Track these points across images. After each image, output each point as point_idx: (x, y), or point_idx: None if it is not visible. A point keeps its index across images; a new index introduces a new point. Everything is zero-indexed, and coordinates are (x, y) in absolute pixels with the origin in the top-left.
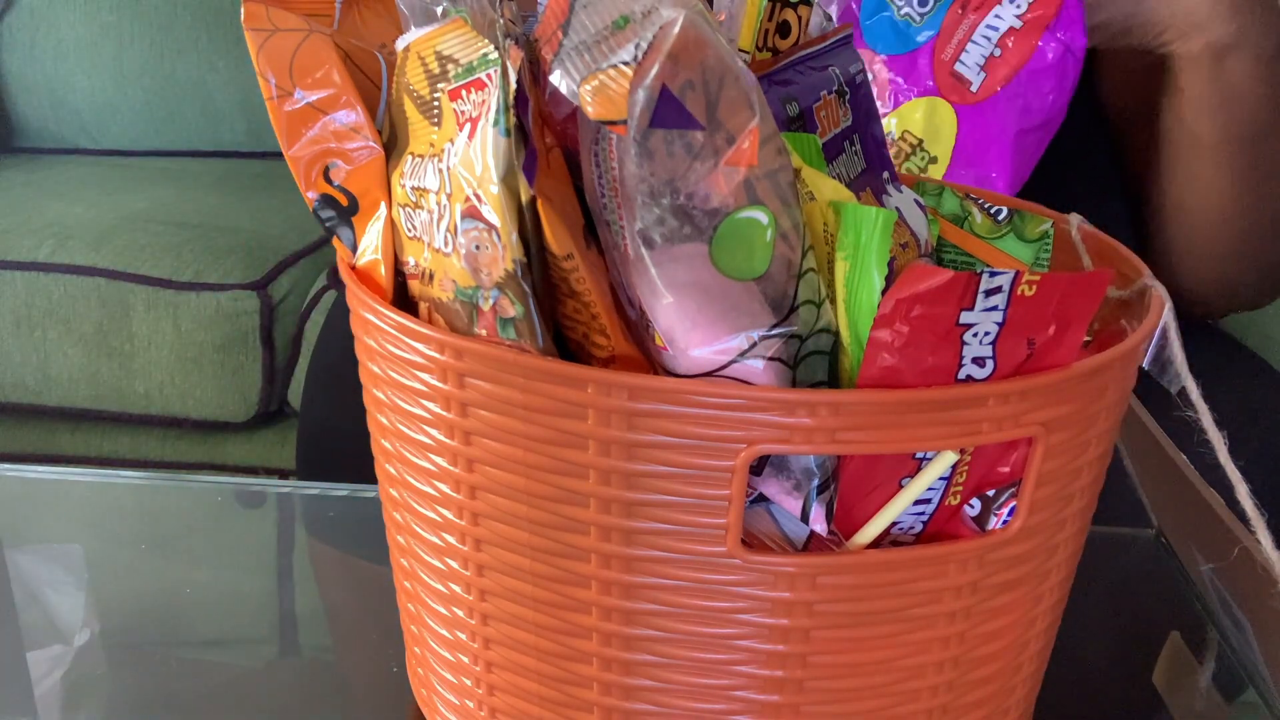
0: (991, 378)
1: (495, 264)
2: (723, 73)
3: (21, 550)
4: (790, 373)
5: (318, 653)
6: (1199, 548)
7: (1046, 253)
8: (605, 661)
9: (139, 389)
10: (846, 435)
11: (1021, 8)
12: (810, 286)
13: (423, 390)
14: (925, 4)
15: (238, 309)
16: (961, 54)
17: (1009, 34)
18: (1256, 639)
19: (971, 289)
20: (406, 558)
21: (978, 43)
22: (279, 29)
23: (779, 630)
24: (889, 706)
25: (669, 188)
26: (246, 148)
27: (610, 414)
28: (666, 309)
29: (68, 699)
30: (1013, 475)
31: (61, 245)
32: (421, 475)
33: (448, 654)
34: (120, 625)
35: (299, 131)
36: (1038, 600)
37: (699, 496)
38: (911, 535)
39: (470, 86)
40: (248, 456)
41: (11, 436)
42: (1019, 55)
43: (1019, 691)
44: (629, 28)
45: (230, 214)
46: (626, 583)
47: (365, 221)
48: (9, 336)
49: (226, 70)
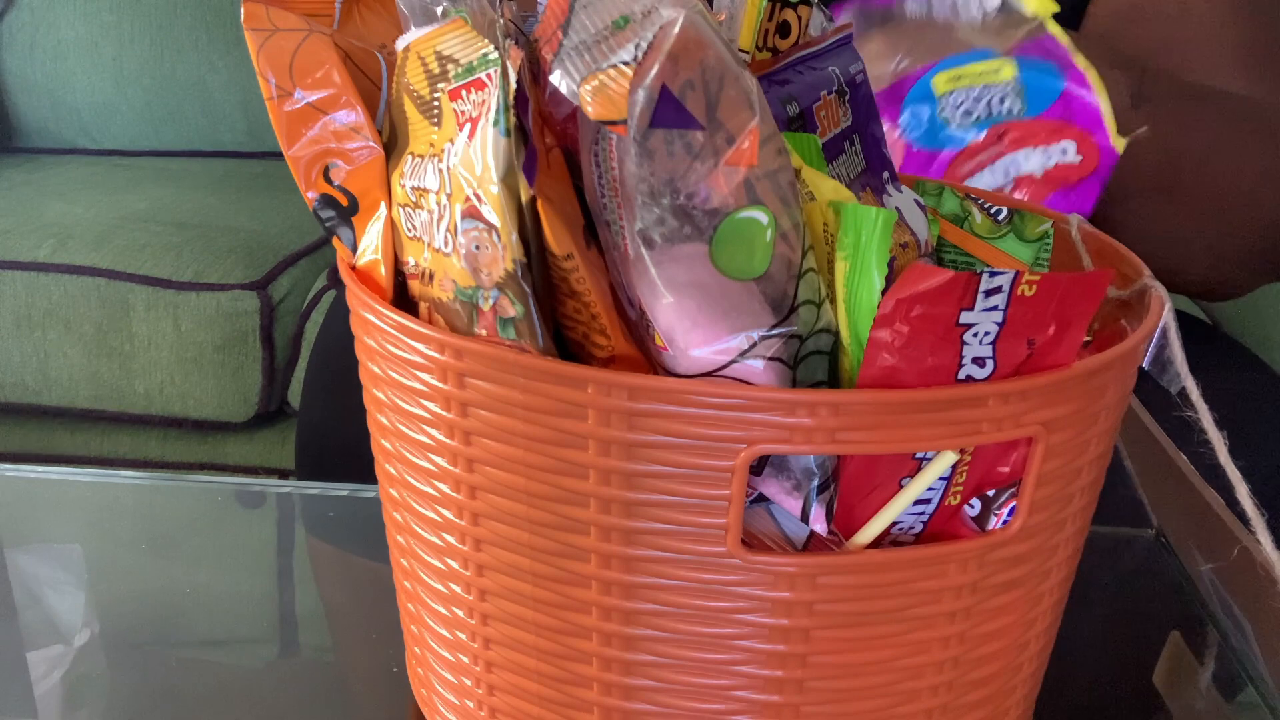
0: (991, 378)
1: (495, 264)
2: (723, 73)
3: (21, 550)
4: (790, 373)
5: (318, 653)
6: (1199, 548)
7: (1046, 253)
8: (605, 661)
9: (139, 389)
10: (846, 435)
11: (1050, 162)
12: (810, 286)
13: (423, 390)
14: (969, 115)
15: (238, 309)
16: (972, 178)
17: (1026, 180)
18: (1256, 639)
19: (971, 289)
20: (406, 558)
21: (994, 172)
22: (279, 29)
23: (779, 630)
24: (889, 706)
25: (669, 188)
26: (246, 148)
27: (610, 414)
28: (666, 309)
29: (68, 699)
30: (1013, 475)
31: (61, 245)
32: (421, 475)
33: (448, 654)
34: (120, 625)
35: (299, 131)
36: (1038, 600)
37: (699, 496)
38: (911, 535)
39: (470, 86)
40: (248, 456)
41: (11, 436)
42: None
43: (1019, 691)
44: (629, 28)
45: (230, 214)
46: (626, 583)
47: (365, 221)
48: (9, 336)
49: (226, 70)
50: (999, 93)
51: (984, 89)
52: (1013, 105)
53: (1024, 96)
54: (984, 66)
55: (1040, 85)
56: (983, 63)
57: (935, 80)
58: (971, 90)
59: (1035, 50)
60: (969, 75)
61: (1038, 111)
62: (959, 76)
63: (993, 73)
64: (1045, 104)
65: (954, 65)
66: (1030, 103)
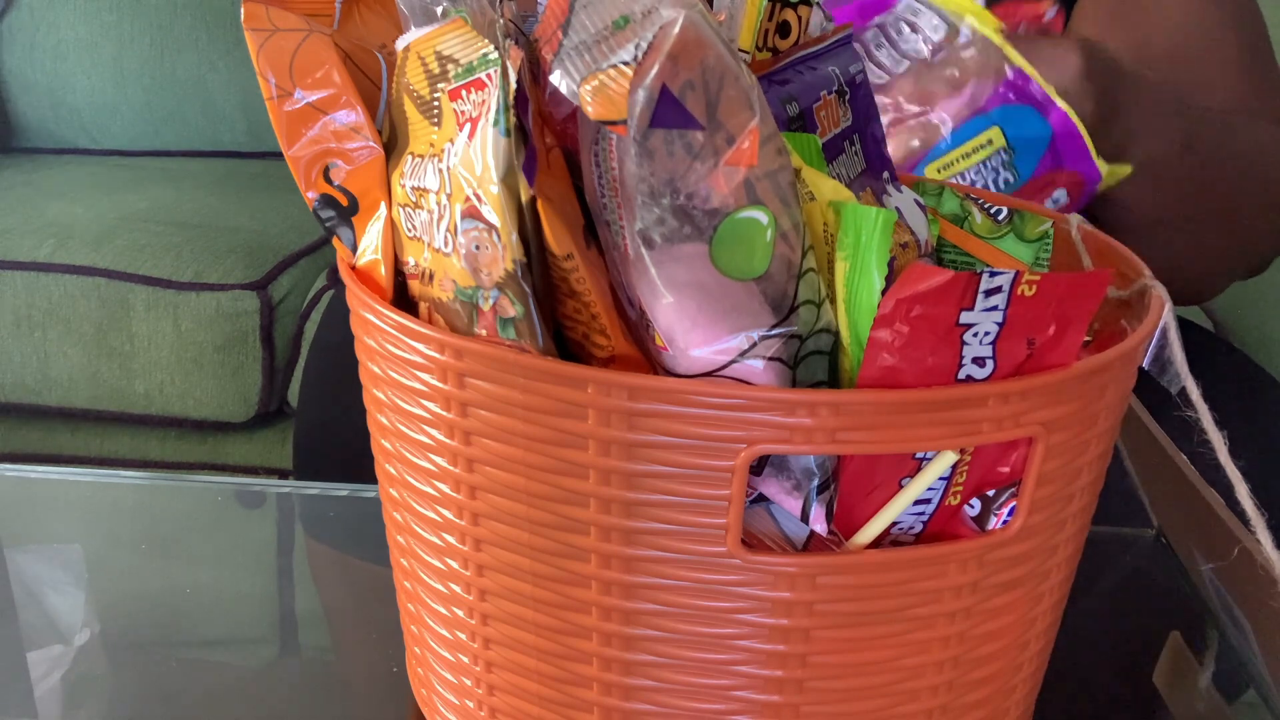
0: (991, 378)
1: (495, 264)
2: (723, 73)
3: (21, 550)
4: (790, 373)
5: (318, 653)
6: (1199, 548)
7: (1046, 253)
8: (605, 661)
9: (139, 389)
10: (846, 435)
11: None
12: (810, 286)
13: (423, 390)
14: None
15: (238, 309)
16: None
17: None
18: (1256, 639)
19: (971, 289)
20: (406, 558)
21: None
22: (279, 29)
23: (779, 630)
24: (889, 706)
25: (669, 188)
26: (246, 148)
27: (610, 414)
28: (666, 309)
29: (68, 699)
30: (1013, 475)
31: (61, 245)
32: (421, 475)
33: (448, 654)
34: (120, 625)
35: (299, 131)
36: (1038, 600)
37: (699, 496)
38: (911, 535)
39: (470, 86)
40: (248, 456)
41: (11, 436)
42: None
43: (1019, 691)
44: (629, 28)
45: (230, 214)
46: (626, 583)
47: (365, 221)
48: (9, 336)
49: (226, 70)
50: (992, 171)
51: (977, 170)
52: (1007, 177)
53: (1014, 162)
54: (974, 144)
55: (1028, 139)
56: (972, 140)
57: (926, 172)
58: (963, 176)
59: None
60: (959, 161)
61: (1030, 173)
62: (948, 164)
63: (984, 147)
64: (1035, 160)
65: (942, 153)
66: (1022, 167)
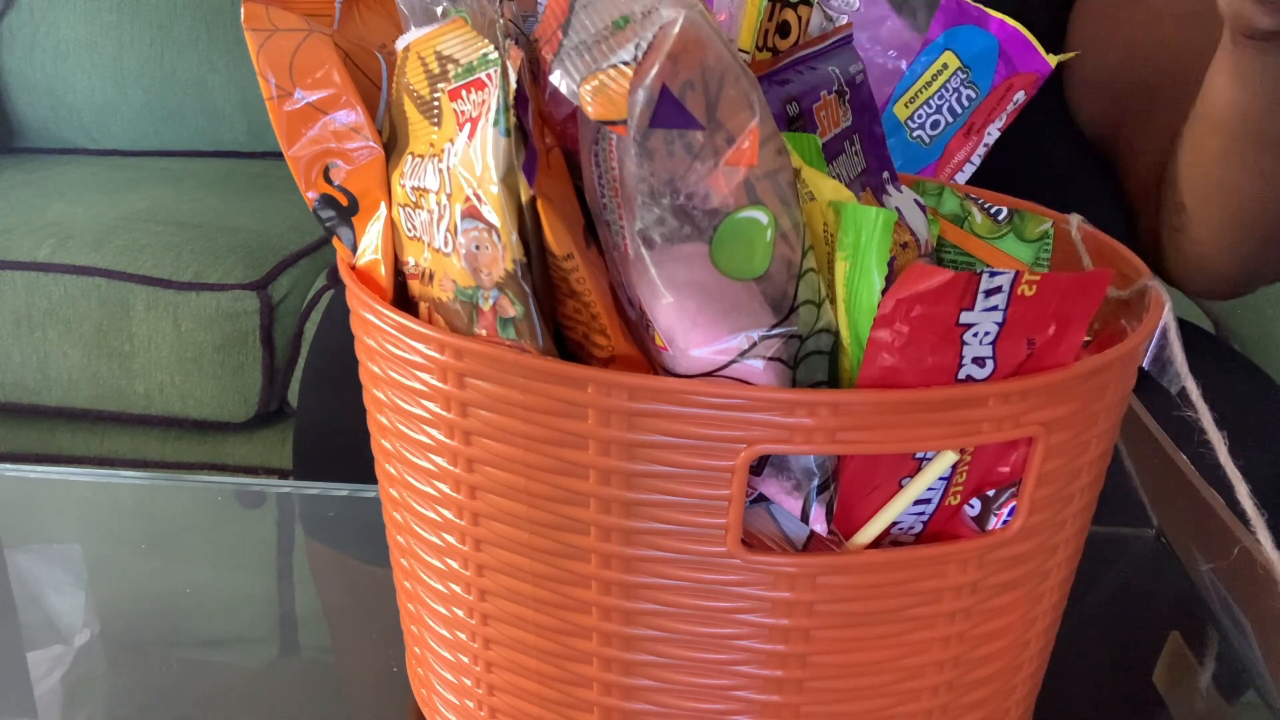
0: (991, 378)
1: (495, 264)
2: (723, 73)
3: (21, 550)
4: (790, 373)
5: (318, 653)
6: (1199, 548)
7: (1046, 253)
8: (605, 661)
9: (139, 389)
10: (846, 435)
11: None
12: (810, 286)
13: (423, 390)
14: (938, 127)
15: (238, 309)
16: (957, 175)
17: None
18: (1256, 639)
19: (971, 289)
20: (406, 558)
21: (974, 163)
22: (279, 29)
23: (779, 630)
24: (889, 706)
25: (669, 188)
26: (246, 148)
27: (610, 414)
28: (666, 309)
29: (68, 699)
30: (1013, 475)
31: (61, 245)
32: (421, 475)
33: (448, 654)
34: (120, 625)
35: (299, 131)
36: (1038, 600)
37: (699, 496)
38: (911, 535)
39: (470, 86)
40: (247, 456)
41: (11, 436)
42: None
43: (1019, 691)
44: (629, 28)
45: (230, 214)
46: (626, 583)
47: (365, 221)
48: (9, 336)
49: (226, 70)
50: (954, 92)
51: (940, 96)
52: (969, 93)
53: (973, 79)
54: (930, 73)
55: (979, 54)
56: (928, 70)
57: (896, 110)
58: (930, 104)
59: (952, 15)
60: (922, 91)
61: (989, 84)
62: (914, 97)
63: (941, 72)
64: (991, 71)
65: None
66: (980, 81)
